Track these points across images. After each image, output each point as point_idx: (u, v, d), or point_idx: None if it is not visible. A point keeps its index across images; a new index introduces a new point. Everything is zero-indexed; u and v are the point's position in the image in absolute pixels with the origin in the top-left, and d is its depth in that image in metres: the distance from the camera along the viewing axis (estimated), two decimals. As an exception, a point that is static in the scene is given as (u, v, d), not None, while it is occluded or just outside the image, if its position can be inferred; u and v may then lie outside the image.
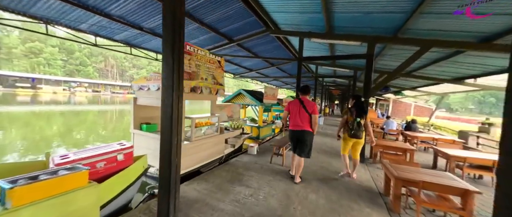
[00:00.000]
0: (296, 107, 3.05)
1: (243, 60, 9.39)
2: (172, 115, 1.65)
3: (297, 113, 3.02)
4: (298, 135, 3.03)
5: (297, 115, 3.02)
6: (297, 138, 3.07)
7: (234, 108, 6.40)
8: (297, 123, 3.02)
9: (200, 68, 3.45)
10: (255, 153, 5.01)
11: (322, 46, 6.50)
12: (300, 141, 3.04)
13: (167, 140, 1.67)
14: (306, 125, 2.98)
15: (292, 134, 3.12)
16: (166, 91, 1.66)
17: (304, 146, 3.04)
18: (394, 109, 20.13)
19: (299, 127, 3.00)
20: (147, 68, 77.25)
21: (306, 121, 2.98)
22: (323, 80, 13.94)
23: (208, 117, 3.91)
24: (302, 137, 3.00)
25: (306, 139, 3.01)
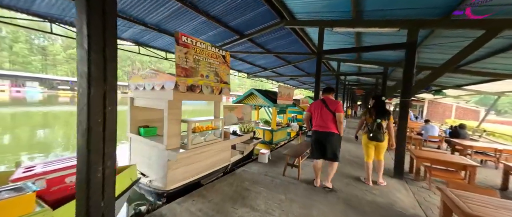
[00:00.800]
0: (318, 107, 2.89)
1: (257, 58, 8.82)
2: (90, 125, 0.97)
3: (319, 113, 2.86)
4: (322, 137, 2.84)
5: (319, 116, 2.86)
6: (321, 141, 2.87)
7: (244, 109, 5.85)
8: (320, 124, 2.84)
9: (200, 63, 2.95)
10: (266, 162, 4.38)
11: (345, 38, 5.61)
12: (324, 143, 2.83)
13: (83, 170, 1.03)
14: (331, 126, 2.78)
15: (316, 136, 2.92)
16: (82, 84, 0.98)
17: (334, 149, 2.82)
18: (430, 111, 17.64)
19: (322, 128, 2.82)
20: (169, 70, 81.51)
21: (330, 121, 2.79)
22: (346, 78, 12.71)
23: (211, 120, 3.39)
24: (327, 139, 2.79)
25: (331, 141, 2.79)
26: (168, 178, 2.63)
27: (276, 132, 6.22)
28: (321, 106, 2.87)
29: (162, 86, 2.70)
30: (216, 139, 3.31)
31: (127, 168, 2.43)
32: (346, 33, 5.04)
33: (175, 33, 2.57)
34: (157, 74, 2.85)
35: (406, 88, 3.75)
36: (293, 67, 10.46)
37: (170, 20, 4.57)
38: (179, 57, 2.62)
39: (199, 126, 3.13)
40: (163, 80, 2.71)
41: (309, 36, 6.14)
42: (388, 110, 3.15)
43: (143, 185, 2.84)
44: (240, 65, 9.37)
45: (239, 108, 5.69)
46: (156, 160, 2.82)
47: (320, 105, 2.89)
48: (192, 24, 4.85)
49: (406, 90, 3.75)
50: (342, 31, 4.67)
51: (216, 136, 3.42)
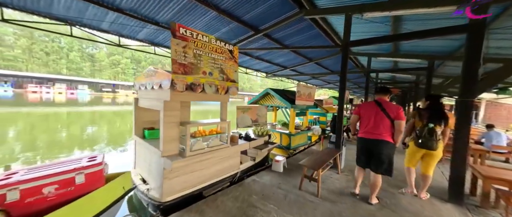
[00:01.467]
0: (371, 111, 2.51)
1: (275, 56, 8.28)
2: None
3: (372, 117, 2.48)
4: (372, 146, 2.47)
5: (371, 120, 2.48)
6: (370, 149, 2.51)
7: (259, 111, 5.39)
8: (371, 131, 2.47)
9: (202, 58, 2.60)
10: (281, 170, 3.85)
11: (378, 28, 4.70)
12: (374, 153, 2.46)
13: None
14: (385, 134, 2.40)
15: (363, 143, 2.57)
16: None
17: (381, 161, 2.43)
18: (489, 113, 14.50)
19: (373, 136, 2.45)
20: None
21: (386, 128, 2.41)
22: (377, 76, 11.12)
23: (216, 123, 3.03)
24: (378, 148, 2.42)
25: (383, 152, 2.40)
26: (164, 188, 2.33)
27: (294, 136, 5.60)
28: (376, 109, 2.47)
29: (160, 85, 2.43)
30: (221, 145, 2.93)
31: (119, 176, 2.20)
32: (380, 20, 4.18)
33: (171, 23, 2.26)
34: (156, 72, 2.60)
35: (469, 84, 2.81)
36: (316, 65, 9.59)
37: (181, 17, 4.39)
38: (176, 52, 2.30)
39: (200, 130, 2.78)
40: (161, 79, 2.43)
41: (333, 27, 5.38)
42: (447, 114, 2.59)
43: (141, 194, 2.61)
44: (257, 64, 8.96)
45: (253, 109, 5.27)
46: (155, 167, 2.56)
47: (374, 107, 2.48)
48: (203, 20, 4.61)
49: (469, 87, 2.81)
50: (375, 17, 3.85)
51: (221, 141, 3.04)
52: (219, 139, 3.05)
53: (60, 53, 53.38)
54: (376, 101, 2.56)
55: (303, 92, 5.50)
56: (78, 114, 15.76)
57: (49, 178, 1.66)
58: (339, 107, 4.06)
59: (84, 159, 2.01)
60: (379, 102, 2.52)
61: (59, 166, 1.83)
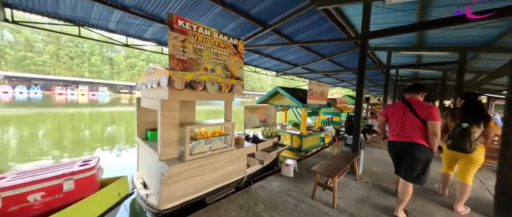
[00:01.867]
0: (398, 111, 2.29)
1: (286, 54, 7.93)
2: None
3: (400, 118, 2.26)
4: (402, 149, 2.23)
5: (399, 122, 2.26)
6: (399, 153, 2.30)
7: (268, 111, 5.11)
8: (400, 133, 2.24)
9: (203, 54, 2.38)
10: (292, 175, 3.54)
11: (401, 17, 4.20)
12: (405, 157, 2.22)
13: None
14: (417, 136, 2.13)
15: (393, 147, 2.36)
16: None
17: (413, 166, 2.15)
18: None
19: (403, 138, 2.21)
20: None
21: (417, 130, 2.14)
22: (397, 73, 10.14)
23: (220, 124, 2.80)
24: (409, 152, 2.16)
25: (415, 156, 2.12)
26: (162, 195, 2.14)
27: (306, 137, 5.24)
28: (404, 109, 2.23)
29: (158, 83, 2.25)
30: (225, 148, 2.70)
31: (115, 181, 2.04)
32: (404, 7, 3.70)
33: (168, 15, 2.07)
34: (156, 69, 2.43)
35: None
36: (329, 62, 9.07)
37: (186, 14, 4.23)
38: (173, 46, 2.10)
39: (202, 132, 2.57)
40: (159, 76, 2.25)
41: (348, 19, 4.93)
42: (486, 113, 2.35)
43: (140, 199, 2.46)
44: (266, 63, 8.66)
45: (261, 109, 5.00)
46: (154, 171, 2.40)
47: (402, 108, 2.25)
48: (209, 17, 4.42)
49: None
50: (399, 4, 3.40)
51: (226, 144, 2.81)
52: (223, 141, 2.82)
53: (82, 57, 57.12)
54: (405, 100, 2.30)
55: (315, 90, 5.12)
56: (99, 114, 16.59)
57: (35, 185, 1.53)
58: (357, 106, 3.65)
59: (76, 164, 1.87)
60: (408, 101, 2.26)
61: (49, 171, 1.71)
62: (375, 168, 4.12)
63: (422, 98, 2.31)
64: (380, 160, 4.64)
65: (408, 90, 2.35)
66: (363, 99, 9.55)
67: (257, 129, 4.80)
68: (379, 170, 3.97)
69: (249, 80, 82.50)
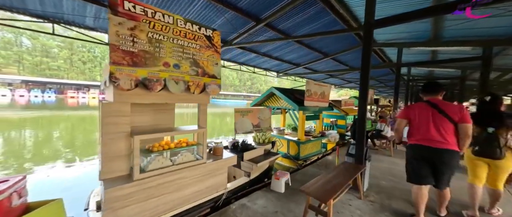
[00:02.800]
0: (424, 114, 2.08)
1: (286, 53, 7.41)
2: None
3: (428, 122, 2.04)
4: (435, 156, 1.99)
5: (430, 125, 2.03)
6: (430, 160, 2.04)
7: (261, 114, 4.62)
8: (432, 137, 2.00)
9: (163, 45, 1.94)
10: (282, 190, 3.00)
11: (410, 6, 3.58)
12: (437, 165, 2.00)
13: None
14: (451, 140, 1.95)
15: (422, 153, 2.07)
16: None
17: (447, 174, 2.01)
18: None
19: (435, 144, 1.98)
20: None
21: (450, 133, 1.96)
22: (409, 72, 9.26)
23: (193, 131, 2.33)
24: (444, 159, 1.95)
25: (449, 163, 1.96)
26: (105, 223, 1.69)
27: (304, 144, 4.66)
28: (431, 111, 2.06)
29: (105, 82, 1.82)
30: (194, 161, 2.22)
31: (46, 204, 1.61)
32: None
33: (109, -4, 1.63)
34: (107, 66, 2.00)
35: None
36: (333, 61, 8.45)
37: (168, 7, 3.85)
38: (117, 35, 1.67)
39: (163, 143, 2.09)
40: (106, 74, 1.82)
41: (351, 10, 4.36)
42: (504, 113, 2.24)
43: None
44: (265, 63, 8.18)
45: (254, 112, 4.51)
46: (103, 191, 1.95)
47: (429, 109, 2.08)
48: (193, 10, 4.02)
49: None
50: None
51: (197, 156, 2.33)
52: (194, 152, 2.35)
53: (94, 61, 59.20)
54: (429, 101, 2.12)
55: (314, 91, 4.56)
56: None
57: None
58: (360, 109, 3.08)
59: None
60: (433, 103, 2.09)
61: None
62: (384, 181, 3.49)
63: (441, 97, 2.16)
64: (390, 171, 3.99)
65: (425, 91, 2.20)
66: (370, 101, 8.83)
67: (250, 134, 4.32)
68: (389, 185, 3.34)
69: (255, 82, 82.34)
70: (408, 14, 2.61)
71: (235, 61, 7.75)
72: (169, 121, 2.78)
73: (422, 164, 2.09)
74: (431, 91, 2.15)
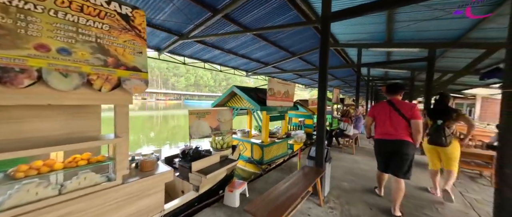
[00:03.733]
0: (384, 111, 2.44)
1: (252, 51, 7.08)
2: None
3: (386, 118, 2.39)
4: (392, 147, 2.35)
5: (387, 121, 2.39)
6: (389, 151, 2.40)
7: (221, 115, 4.14)
8: (388, 131, 2.37)
9: (34, 18, 1.31)
10: (236, 205, 2.59)
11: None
12: (394, 155, 2.33)
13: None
14: (403, 133, 2.29)
15: (381, 145, 2.47)
16: None
17: (401, 163, 2.28)
18: (485, 110, 13.90)
19: (391, 136, 2.34)
20: (185, 75, 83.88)
21: (403, 128, 2.29)
22: (369, 73, 10.16)
23: (104, 142, 1.72)
24: (398, 149, 2.29)
25: (404, 153, 2.26)
26: None
27: (268, 147, 4.35)
28: (389, 109, 2.40)
29: None
30: (100, 185, 1.62)
31: None
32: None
33: None
34: None
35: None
36: (301, 60, 8.48)
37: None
38: None
39: (36, 165, 1.42)
40: None
41: (312, 7, 4.23)
42: (450, 108, 2.66)
43: None
44: (232, 60, 7.72)
45: (212, 113, 4.00)
46: None
47: (387, 108, 2.42)
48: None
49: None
50: None
51: (108, 176, 1.74)
52: (106, 172, 1.74)
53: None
54: (389, 101, 2.46)
55: (277, 89, 4.28)
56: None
57: None
58: (320, 108, 2.87)
59: None
60: (392, 102, 2.42)
61: None
62: (346, 182, 3.37)
63: (400, 97, 2.45)
64: (351, 170, 3.94)
65: (387, 91, 2.48)
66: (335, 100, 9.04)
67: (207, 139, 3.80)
68: (350, 186, 3.23)
69: (231, 82, 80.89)
70: (363, 6, 2.46)
71: (198, 58, 7.08)
72: (92, 128, 2.09)
73: (385, 156, 2.46)
74: (392, 91, 2.45)
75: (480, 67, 6.44)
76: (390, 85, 2.48)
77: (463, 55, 6.10)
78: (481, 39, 4.54)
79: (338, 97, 10.38)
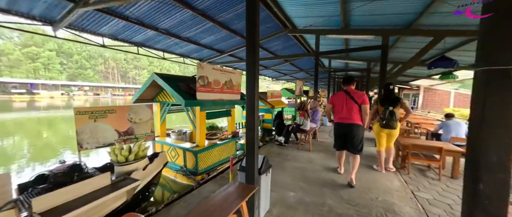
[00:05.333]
0: (341, 99, 2.89)
1: (198, 34, 5.93)
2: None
3: (343, 105, 2.86)
4: (347, 130, 2.83)
5: (343, 107, 2.85)
6: (345, 133, 2.87)
7: (135, 114, 3.07)
8: (344, 116, 2.84)
9: None
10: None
11: None
12: (349, 136, 2.83)
13: None
14: (356, 118, 2.78)
15: (339, 128, 2.93)
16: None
17: (355, 141, 2.81)
18: (426, 99, 15.70)
19: (347, 120, 2.82)
20: (148, 68, 75.59)
21: (355, 112, 2.79)
22: (335, 74, 13.19)
23: None
24: (352, 131, 2.79)
25: (356, 134, 2.79)
26: None
27: (204, 152, 3.42)
28: (345, 97, 2.85)
29: None
30: None
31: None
32: None
33: None
34: None
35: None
36: (260, 49, 7.70)
37: None
38: None
39: None
40: None
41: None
42: (398, 97, 3.25)
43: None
44: (176, 46, 6.38)
45: (119, 112, 2.90)
46: None
47: (344, 96, 2.87)
48: None
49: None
50: None
51: None
52: None
53: None
54: (345, 90, 2.89)
55: (214, 79, 3.34)
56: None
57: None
58: (249, 100, 2.05)
59: None
60: (347, 91, 2.86)
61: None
62: (292, 193, 2.72)
63: (354, 87, 2.93)
64: (303, 174, 3.33)
65: (344, 82, 2.97)
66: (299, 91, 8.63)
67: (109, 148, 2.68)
68: (297, 198, 2.57)
69: (201, 76, 75.99)
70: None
71: (127, 40, 5.57)
72: None
73: (341, 136, 2.91)
74: (347, 82, 2.92)
75: (425, 58, 6.72)
76: (345, 77, 2.98)
77: (411, 45, 6.18)
78: (429, 26, 4.44)
79: (302, 89, 10.09)
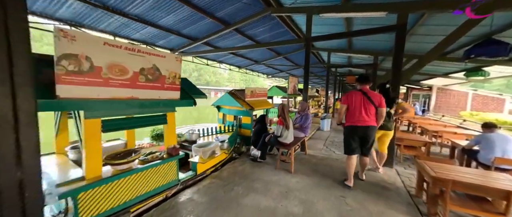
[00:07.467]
0: (358, 99, 2.78)
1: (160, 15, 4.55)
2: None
3: (360, 106, 2.76)
4: (364, 132, 2.78)
5: (361, 109, 2.76)
6: (361, 137, 2.81)
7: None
8: (363, 118, 2.75)
9: None
10: None
11: None
12: (365, 138, 2.80)
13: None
14: (373, 120, 2.78)
15: (356, 131, 2.80)
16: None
17: (370, 144, 2.87)
18: (440, 101, 14.04)
19: (365, 123, 2.74)
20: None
21: (373, 114, 2.78)
22: (336, 70, 12.25)
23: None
24: (369, 133, 2.78)
25: (372, 135, 2.81)
26: None
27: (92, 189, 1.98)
28: (362, 98, 2.76)
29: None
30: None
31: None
32: None
33: None
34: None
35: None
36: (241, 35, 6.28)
37: None
38: None
39: None
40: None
41: None
42: (394, 97, 3.31)
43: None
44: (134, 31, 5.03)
45: None
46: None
47: (361, 97, 2.77)
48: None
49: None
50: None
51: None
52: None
53: None
54: (361, 90, 2.81)
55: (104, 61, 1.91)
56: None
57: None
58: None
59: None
60: (364, 91, 2.79)
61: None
62: None
63: (369, 87, 2.88)
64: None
65: (359, 81, 2.87)
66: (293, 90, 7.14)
67: None
68: None
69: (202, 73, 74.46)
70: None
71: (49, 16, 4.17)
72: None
73: (355, 140, 2.83)
74: (363, 81, 2.86)
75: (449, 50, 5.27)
76: (361, 76, 2.88)
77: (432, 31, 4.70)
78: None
79: (296, 87, 8.59)
